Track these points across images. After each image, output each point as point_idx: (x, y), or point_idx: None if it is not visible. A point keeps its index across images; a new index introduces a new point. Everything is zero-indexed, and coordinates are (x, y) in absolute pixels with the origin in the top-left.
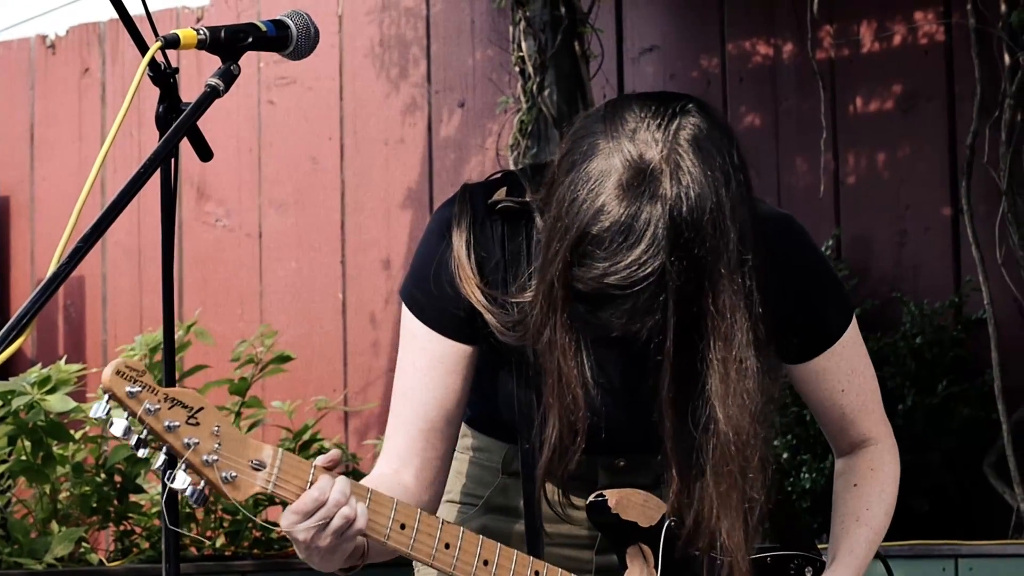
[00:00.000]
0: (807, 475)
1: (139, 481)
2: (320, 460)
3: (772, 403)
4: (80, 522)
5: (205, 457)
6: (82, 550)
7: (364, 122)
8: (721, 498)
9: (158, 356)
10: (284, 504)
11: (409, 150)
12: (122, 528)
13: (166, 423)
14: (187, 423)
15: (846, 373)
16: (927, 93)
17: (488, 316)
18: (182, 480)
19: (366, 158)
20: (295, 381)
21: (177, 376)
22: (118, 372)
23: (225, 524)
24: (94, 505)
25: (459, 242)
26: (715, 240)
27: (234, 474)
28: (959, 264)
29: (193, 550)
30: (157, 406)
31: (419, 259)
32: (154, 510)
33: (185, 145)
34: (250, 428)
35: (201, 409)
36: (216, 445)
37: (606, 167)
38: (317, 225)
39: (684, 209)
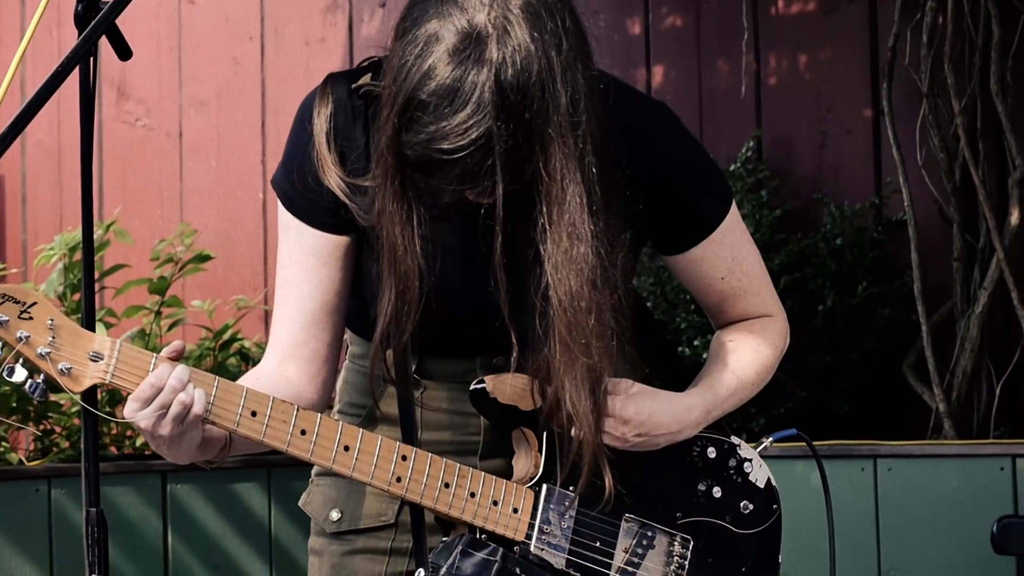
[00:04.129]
0: None
1: None
2: (164, 351)
3: (614, 269)
4: None
5: (39, 350)
6: (1, 449)
7: (285, 21)
8: (563, 365)
9: (77, 255)
10: None
11: (330, 50)
12: (42, 428)
13: None
14: (19, 317)
15: (727, 260)
16: None
17: (350, 204)
18: (20, 374)
19: (287, 58)
20: (215, 280)
21: (97, 275)
22: None
23: None
24: (13, 405)
25: (320, 133)
26: (543, 103)
27: (69, 366)
28: (880, 166)
29: (113, 449)
30: None
31: (286, 151)
32: (73, 409)
33: (104, 44)
34: (170, 328)
35: (35, 304)
36: (51, 338)
37: (435, 32)
38: (238, 125)
39: (510, 73)
